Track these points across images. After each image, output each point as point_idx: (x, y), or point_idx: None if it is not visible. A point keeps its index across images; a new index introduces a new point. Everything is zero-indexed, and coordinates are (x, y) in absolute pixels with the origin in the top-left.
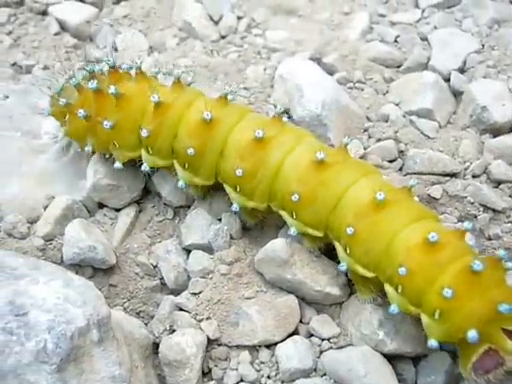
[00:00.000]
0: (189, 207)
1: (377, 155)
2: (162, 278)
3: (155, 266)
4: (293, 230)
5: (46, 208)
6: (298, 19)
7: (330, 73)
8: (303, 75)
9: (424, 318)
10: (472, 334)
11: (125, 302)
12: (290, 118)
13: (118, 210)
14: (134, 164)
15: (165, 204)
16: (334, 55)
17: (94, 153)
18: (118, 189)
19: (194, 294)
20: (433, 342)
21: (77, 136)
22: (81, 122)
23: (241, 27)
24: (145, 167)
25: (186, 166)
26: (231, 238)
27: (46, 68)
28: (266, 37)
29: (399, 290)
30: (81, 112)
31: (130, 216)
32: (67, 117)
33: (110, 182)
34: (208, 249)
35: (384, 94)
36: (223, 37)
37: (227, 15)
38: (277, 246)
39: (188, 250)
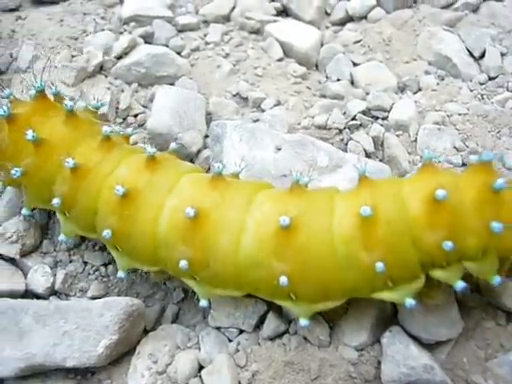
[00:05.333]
0: None
1: None
2: None
3: None
4: None
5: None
6: None
7: None
8: None
9: (471, 265)
10: None
11: None
12: None
13: None
14: None
15: (490, 304)
16: None
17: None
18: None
19: None
20: (497, 279)
21: None
22: None
23: (507, 66)
24: (62, 238)
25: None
26: None
27: (278, 103)
28: None
29: (445, 265)
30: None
31: None
32: None
33: None
34: None
35: None
36: (491, 78)
37: (490, 51)
38: None
39: None
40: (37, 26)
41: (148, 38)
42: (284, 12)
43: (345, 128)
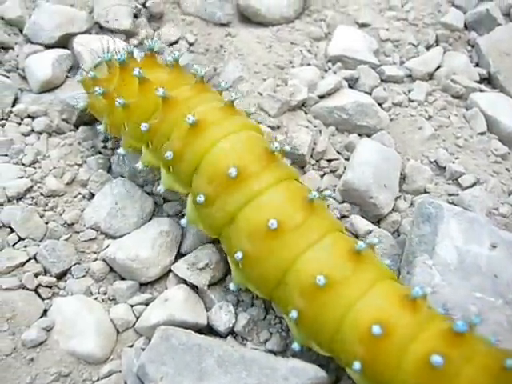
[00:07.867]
0: None
1: None
2: None
3: None
4: None
5: None
6: None
7: None
8: None
9: None
10: None
11: None
12: None
13: None
14: None
15: None
16: None
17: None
18: None
19: None
20: None
21: (95, 111)
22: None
23: None
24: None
25: None
26: None
27: (477, 182)
28: None
29: None
30: (98, 90)
31: None
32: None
33: None
34: None
35: None
36: None
37: None
38: None
39: None
40: (245, 46)
41: (351, 82)
42: (487, 80)
43: None
